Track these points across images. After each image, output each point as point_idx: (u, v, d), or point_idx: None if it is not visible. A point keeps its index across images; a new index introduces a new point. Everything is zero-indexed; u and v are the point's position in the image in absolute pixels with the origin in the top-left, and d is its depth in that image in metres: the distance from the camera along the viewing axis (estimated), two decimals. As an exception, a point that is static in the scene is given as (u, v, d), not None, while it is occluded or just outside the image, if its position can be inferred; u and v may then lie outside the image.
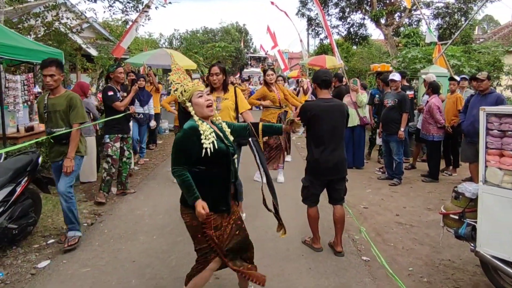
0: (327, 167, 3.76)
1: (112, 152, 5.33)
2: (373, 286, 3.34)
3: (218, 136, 2.59)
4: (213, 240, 2.60)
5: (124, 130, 5.61)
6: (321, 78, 3.84)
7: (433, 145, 6.71)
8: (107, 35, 14.19)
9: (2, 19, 7.48)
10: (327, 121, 3.74)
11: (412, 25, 19.05)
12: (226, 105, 4.45)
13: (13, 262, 3.65)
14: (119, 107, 5.34)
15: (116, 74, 5.43)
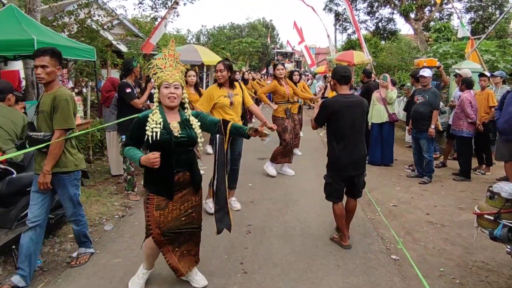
0: (348, 163, 3.80)
1: None
2: (403, 286, 3.28)
3: (166, 127, 2.80)
4: (152, 216, 2.83)
5: None
6: (340, 74, 3.85)
7: (463, 141, 6.52)
8: (137, 31, 14.46)
9: (38, 18, 7.73)
10: (347, 117, 3.76)
11: (443, 19, 18.52)
12: (238, 100, 4.71)
13: (50, 251, 3.80)
14: (138, 104, 5.11)
15: (137, 69, 5.38)
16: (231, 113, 4.67)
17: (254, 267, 3.51)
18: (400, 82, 14.65)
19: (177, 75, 2.86)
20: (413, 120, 6.53)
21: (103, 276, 3.32)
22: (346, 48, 21.71)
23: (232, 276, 3.35)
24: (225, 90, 4.65)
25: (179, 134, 2.83)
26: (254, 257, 3.68)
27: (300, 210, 4.96)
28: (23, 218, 3.53)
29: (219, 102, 4.60)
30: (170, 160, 2.79)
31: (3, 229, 3.44)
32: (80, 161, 3.36)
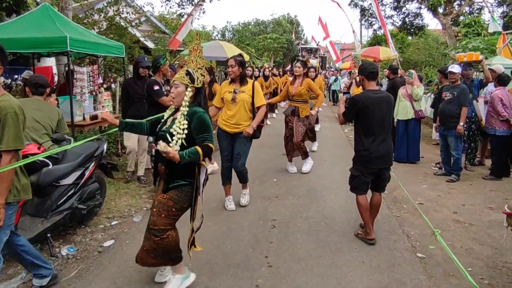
0: (377, 156, 3.85)
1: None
2: (429, 284, 3.25)
3: (165, 120, 2.97)
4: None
5: None
6: (369, 70, 3.92)
7: (496, 140, 6.34)
8: (163, 28, 14.69)
9: (70, 15, 7.99)
10: (376, 112, 3.85)
11: (473, 13, 17.93)
12: (241, 97, 4.62)
13: (82, 240, 3.96)
14: (166, 102, 4.91)
15: (165, 66, 5.36)
16: (232, 110, 4.62)
17: (279, 261, 3.55)
18: (428, 79, 14.35)
19: (180, 73, 2.92)
20: (440, 117, 6.39)
21: (133, 266, 3.41)
22: (372, 43, 21.37)
23: (257, 269, 3.41)
24: (233, 86, 4.65)
25: (165, 128, 2.91)
26: (279, 251, 3.73)
27: (325, 206, 4.96)
28: (57, 208, 3.71)
29: (224, 96, 4.66)
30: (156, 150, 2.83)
31: (39, 218, 3.61)
32: (24, 189, 2.70)
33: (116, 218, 4.51)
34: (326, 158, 7.40)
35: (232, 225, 4.34)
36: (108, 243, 3.88)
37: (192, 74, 2.90)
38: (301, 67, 6.33)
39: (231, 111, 4.64)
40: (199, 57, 2.97)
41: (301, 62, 6.60)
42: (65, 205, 3.77)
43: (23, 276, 3.19)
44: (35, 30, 6.05)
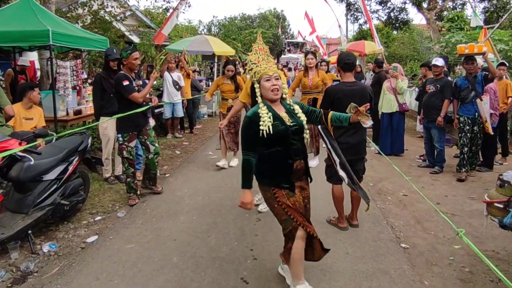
0: (347, 147, 3.89)
1: (127, 154, 4.65)
2: (412, 273, 3.30)
3: (278, 118, 2.71)
4: (289, 207, 2.74)
5: (140, 124, 4.76)
6: (344, 61, 3.93)
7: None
8: (149, 22, 14.53)
9: (53, 9, 7.82)
10: (347, 104, 3.75)
11: (456, 8, 18.18)
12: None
13: (65, 236, 3.90)
14: (137, 98, 4.53)
15: (130, 60, 4.54)
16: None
17: (264, 253, 3.56)
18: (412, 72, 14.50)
19: (274, 66, 2.82)
20: (424, 109, 6.48)
21: (116, 261, 3.41)
22: (358, 38, 21.48)
23: (242, 262, 3.41)
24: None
25: (291, 123, 2.76)
26: (264, 244, 3.74)
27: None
28: (39, 204, 3.65)
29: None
30: (289, 151, 2.75)
31: (20, 214, 3.55)
32: None
33: (100, 213, 4.46)
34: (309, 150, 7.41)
35: (218, 218, 4.33)
36: (91, 239, 3.83)
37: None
38: (314, 58, 6.40)
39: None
40: (267, 55, 2.88)
41: (312, 53, 6.65)
42: (47, 201, 3.72)
43: (2, 274, 3.14)
44: (16, 23, 5.91)
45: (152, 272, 3.21)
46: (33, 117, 4.89)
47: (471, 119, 5.82)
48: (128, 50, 4.56)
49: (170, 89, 8.33)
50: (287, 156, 2.76)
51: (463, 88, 5.87)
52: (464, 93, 5.86)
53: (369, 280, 3.17)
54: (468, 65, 5.84)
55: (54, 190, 3.82)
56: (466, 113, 5.86)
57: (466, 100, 5.85)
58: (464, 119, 5.87)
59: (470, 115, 5.83)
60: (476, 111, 5.80)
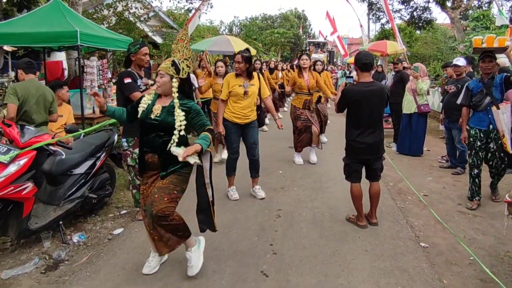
0: (364, 147, 3.98)
1: (132, 161, 4.12)
2: (431, 272, 3.31)
3: (149, 108, 3.00)
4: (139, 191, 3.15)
5: None
6: (362, 61, 3.92)
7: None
8: (171, 23, 14.79)
9: (80, 10, 8.12)
10: (365, 106, 3.92)
11: (481, 7, 17.76)
12: (252, 90, 4.77)
13: (93, 228, 4.08)
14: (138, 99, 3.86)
15: (139, 56, 4.08)
16: (242, 103, 4.73)
17: (284, 249, 3.64)
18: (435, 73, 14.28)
19: (166, 63, 2.98)
20: (445, 110, 6.42)
21: (141, 252, 3.55)
22: (380, 38, 21.27)
23: (262, 256, 3.50)
24: (242, 79, 4.75)
25: (155, 116, 2.95)
26: (283, 240, 3.81)
27: (329, 196, 5.03)
28: (69, 197, 3.83)
29: (233, 90, 4.71)
30: (142, 139, 3.04)
31: (51, 206, 3.74)
32: None
33: (125, 207, 4.62)
34: (332, 150, 7.44)
35: (238, 214, 4.43)
36: (117, 231, 3.99)
37: (178, 65, 2.95)
38: (308, 59, 6.45)
39: (240, 103, 4.74)
40: (186, 48, 3.06)
41: (307, 54, 6.69)
42: (76, 194, 3.90)
43: (36, 261, 3.31)
44: (46, 25, 6.18)
45: (176, 264, 3.33)
46: (63, 114, 5.10)
47: (484, 133, 4.64)
48: (137, 45, 4.14)
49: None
50: (141, 144, 3.06)
51: (476, 92, 4.69)
52: (476, 99, 4.66)
53: (387, 277, 3.21)
54: (485, 63, 4.57)
55: (83, 183, 4.00)
56: (478, 125, 4.68)
57: (479, 108, 4.65)
58: (475, 132, 4.70)
59: (483, 127, 4.64)
60: (491, 123, 4.58)
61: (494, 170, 4.85)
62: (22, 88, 4.14)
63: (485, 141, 4.68)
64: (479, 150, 4.71)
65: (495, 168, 4.81)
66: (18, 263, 3.33)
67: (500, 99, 4.58)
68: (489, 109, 4.57)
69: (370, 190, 4.18)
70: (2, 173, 3.09)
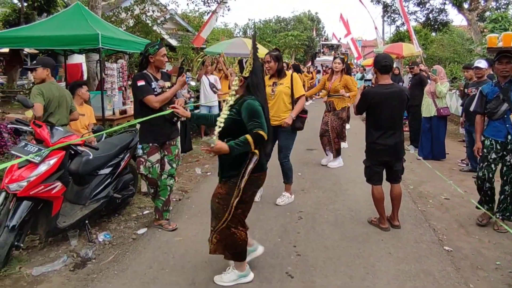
0: (384, 149, 3.98)
1: (145, 170, 3.86)
2: (457, 276, 3.28)
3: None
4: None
5: (164, 134, 3.97)
6: (381, 64, 3.95)
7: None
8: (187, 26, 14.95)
9: (99, 14, 8.25)
10: (386, 107, 3.93)
11: (500, 9, 17.47)
12: (279, 89, 4.70)
13: (117, 228, 4.14)
14: (152, 102, 3.73)
15: (158, 57, 3.86)
16: (270, 102, 4.62)
17: (307, 250, 3.65)
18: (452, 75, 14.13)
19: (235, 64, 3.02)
20: (466, 113, 6.34)
21: (166, 252, 3.59)
22: (395, 40, 21.14)
23: (286, 257, 3.51)
24: (273, 79, 4.73)
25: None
26: (306, 241, 3.82)
27: (350, 199, 5.02)
28: (95, 196, 3.90)
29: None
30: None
31: (78, 205, 3.81)
32: None
33: (147, 208, 4.68)
34: (350, 153, 7.42)
35: (260, 215, 4.45)
36: (141, 231, 4.05)
37: (243, 64, 2.91)
38: (340, 63, 6.50)
39: (269, 103, 4.74)
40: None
41: (340, 58, 6.74)
42: (102, 194, 3.97)
43: (64, 259, 3.38)
44: (68, 28, 6.31)
45: (200, 264, 3.37)
46: (85, 114, 5.18)
47: (501, 144, 4.09)
48: (156, 45, 3.90)
49: (207, 92, 8.52)
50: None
51: (491, 98, 4.17)
52: (491, 105, 4.14)
53: (413, 280, 3.19)
54: (502, 65, 4.06)
55: (108, 184, 4.06)
56: (494, 135, 4.13)
57: (495, 116, 4.12)
58: (490, 143, 4.15)
59: (500, 138, 4.09)
60: (509, 133, 4.06)
61: (508, 186, 4.13)
62: (47, 89, 4.24)
63: (501, 153, 4.12)
64: (493, 163, 4.16)
65: (509, 183, 4.12)
66: (47, 260, 3.40)
67: None
68: (507, 117, 4.04)
69: (391, 193, 4.18)
70: (33, 172, 3.17)
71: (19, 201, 3.20)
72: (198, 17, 17.08)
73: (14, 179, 3.14)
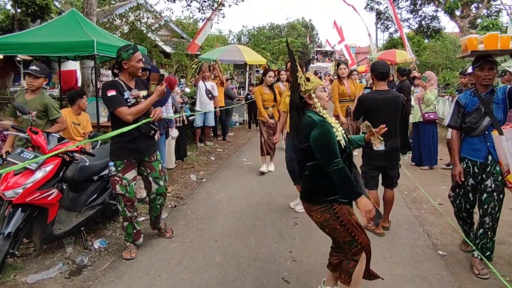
0: (380, 154, 3.97)
1: (122, 189, 3.46)
2: (451, 280, 3.31)
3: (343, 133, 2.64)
4: (353, 225, 2.56)
5: (140, 149, 3.54)
6: (379, 70, 4.05)
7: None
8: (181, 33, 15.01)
9: (94, 20, 8.27)
10: (380, 113, 3.98)
11: (491, 16, 17.78)
12: None
13: (112, 234, 4.13)
14: (124, 115, 3.32)
15: (131, 63, 3.38)
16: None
17: (303, 255, 3.66)
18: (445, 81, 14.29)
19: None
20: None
21: (163, 258, 3.59)
22: (388, 47, 21.36)
23: (282, 263, 3.52)
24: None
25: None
26: (302, 247, 3.84)
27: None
28: (91, 203, 3.89)
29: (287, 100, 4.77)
30: (351, 165, 2.64)
31: (73, 212, 3.80)
32: None
33: (143, 214, 4.66)
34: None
35: (256, 221, 4.46)
36: (137, 238, 4.03)
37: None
38: (346, 68, 6.67)
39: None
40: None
41: (344, 63, 6.87)
42: (97, 200, 3.96)
43: (60, 266, 3.36)
44: (64, 35, 6.30)
45: (197, 270, 3.37)
46: (81, 123, 5.17)
47: (480, 166, 3.36)
48: (130, 49, 3.38)
49: (203, 98, 8.54)
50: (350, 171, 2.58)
51: (470, 110, 3.40)
52: (472, 119, 3.37)
53: (408, 285, 3.22)
54: (484, 72, 3.30)
55: (103, 190, 4.06)
56: (472, 155, 3.41)
57: (474, 132, 3.37)
58: (467, 165, 3.44)
59: (479, 159, 3.36)
60: (490, 152, 3.32)
61: (489, 218, 3.36)
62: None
63: (479, 178, 3.38)
64: (471, 191, 3.45)
65: (489, 215, 3.34)
66: (42, 268, 3.38)
67: (503, 121, 3.33)
68: (488, 134, 3.30)
69: (384, 196, 4.26)
70: (29, 179, 3.17)
71: (15, 208, 3.18)
72: (193, 24, 17.15)
73: (9, 186, 3.14)
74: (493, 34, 3.35)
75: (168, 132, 5.72)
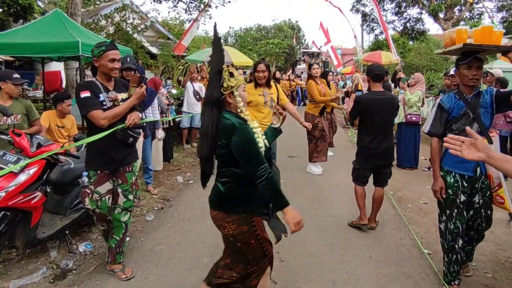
0: (376, 153, 4.16)
1: (92, 204, 3.13)
2: (436, 278, 3.37)
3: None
4: (266, 240, 2.42)
5: (119, 159, 3.19)
6: (375, 72, 4.20)
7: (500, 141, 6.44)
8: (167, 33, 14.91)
9: (79, 21, 8.17)
10: (377, 113, 4.13)
11: (473, 19, 18.17)
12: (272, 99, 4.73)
13: (98, 237, 4.07)
14: (98, 119, 2.98)
15: (102, 61, 3.03)
16: (264, 111, 4.86)
17: (290, 256, 3.68)
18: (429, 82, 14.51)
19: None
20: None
21: (149, 261, 3.56)
22: (374, 48, 21.60)
23: (269, 263, 3.52)
24: (261, 89, 4.87)
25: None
26: (289, 247, 3.84)
27: (332, 205, 5.09)
28: (76, 206, 3.84)
29: (254, 100, 4.80)
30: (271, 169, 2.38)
31: (58, 215, 3.74)
32: None
33: (146, 208, 4.65)
34: (331, 160, 7.50)
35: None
36: (123, 240, 3.99)
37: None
38: (320, 68, 6.74)
39: (263, 113, 4.86)
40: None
41: (317, 64, 6.96)
42: (82, 203, 3.90)
43: (44, 271, 3.31)
44: (48, 35, 6.22)
45: (184, 272, 3.35)
46: (65, 126, 5.08)
47: (468, 180, 3.00)
48: (102, 47, 3.04)
49: (190, 99, 8.49)
50: None
51: (456, 115, 3.00)
52: (459, 126, 2.96)
53: (394, 283, 3.26)
54: (471, 71, 2.93)
55: (88, 193, 4.00)
56: (458, 167, 3.00)
57: None
58: (455, 180, 3.01)
59: (467, 172, 2.99)
60: (479, 164, 2.98)
61: (473, 232, 3.19)
62: None
63: (468, 193, 3.02)
64: (464, 208, 3.02)
65: (476, 232, 3.18)
66: (25, 273, 3.32)
67: (489, 127, 3.02)
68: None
69: (374, 195, 4.32)
70: (12, 182, 3.10)
71: (-3, 212, 3.12)
72: (179, 25, 17.07)
73: (-9, 190, 3.07)
74: (487, 26, 2.98)
75: (154, 133, 5.66)
